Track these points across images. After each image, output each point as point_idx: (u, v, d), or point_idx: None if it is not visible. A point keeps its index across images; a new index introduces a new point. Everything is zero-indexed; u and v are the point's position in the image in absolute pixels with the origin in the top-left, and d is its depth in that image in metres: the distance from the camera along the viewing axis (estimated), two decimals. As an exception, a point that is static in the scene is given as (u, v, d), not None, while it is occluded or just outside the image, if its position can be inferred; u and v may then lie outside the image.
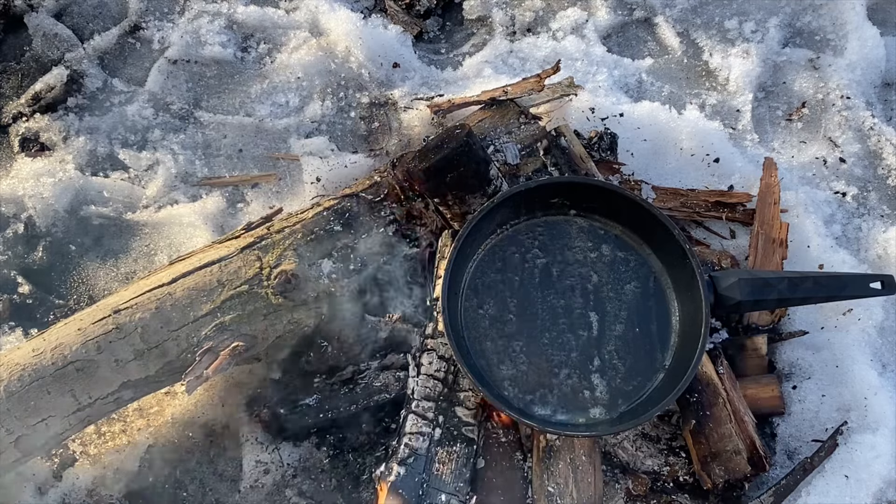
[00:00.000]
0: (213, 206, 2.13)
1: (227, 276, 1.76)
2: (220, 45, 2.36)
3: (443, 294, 1.68)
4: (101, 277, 2.08)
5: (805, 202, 2.08)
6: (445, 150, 1.75)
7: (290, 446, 1.82)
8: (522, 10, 2.48)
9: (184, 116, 2.29)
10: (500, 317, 1.75)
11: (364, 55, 2.31)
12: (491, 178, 1.81)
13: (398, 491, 1.63)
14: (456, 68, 2.39)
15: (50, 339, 1.71)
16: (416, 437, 1.67)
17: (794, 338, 1.91)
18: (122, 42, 2.41)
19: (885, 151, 2.27)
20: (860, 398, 1.83)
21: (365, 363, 1.83)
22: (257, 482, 1.80)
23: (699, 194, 2.06)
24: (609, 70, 2.35)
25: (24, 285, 2.05)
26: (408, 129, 2.18)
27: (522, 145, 1.98)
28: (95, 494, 1.79)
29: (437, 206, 1.86)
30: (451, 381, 1.73)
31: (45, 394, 1.66)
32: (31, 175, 2.16)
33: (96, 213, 2.14)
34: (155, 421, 1.87)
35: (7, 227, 2.12)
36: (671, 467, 1.75)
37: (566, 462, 1.67)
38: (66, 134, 2.25)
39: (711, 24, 2.45)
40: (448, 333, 1.65)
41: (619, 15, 2.49)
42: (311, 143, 2.20)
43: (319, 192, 2.09)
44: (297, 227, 1.85)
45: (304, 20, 2.41)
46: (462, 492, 1.65)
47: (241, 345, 1.72)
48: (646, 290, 1.77)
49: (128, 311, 1.72)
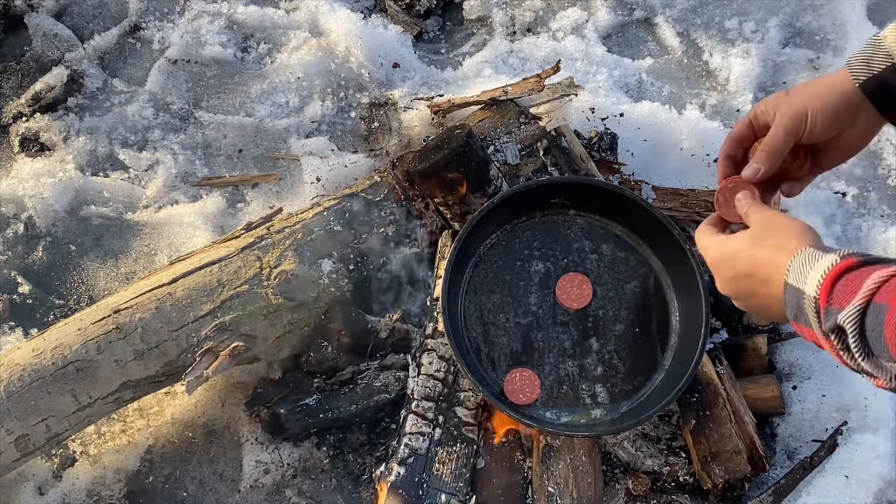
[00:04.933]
0: (213, 206, 2.13)
1: (228, 276, 1.76)
2: (220, 45, 2.36)
3: (443, 294, 1.68)
4: (101, 277, 2.08)
5: (805, 202, 2.08)
6: (445, 150, 1.75)
7: (290, 446, 1.82)
8: (522, 10, 2.48)
9: (184, 116, 2.29)
10: (500, 316, 1.75)
11: (364, 55, 2.31)
12: (491, 178, 1.81)
13: (398, 491, 1.63)
14: (456, 68, 2.39)
15: (50, 339, 1.71)
16: (416, 437, 1.67)
17: (794, 338, 1.91)
18: (122, 42, 2.41)
19: (885, 151, 2.27)
20: (860, 398, 1.83)
21: (365, 363, 1.83)
22: (257, 482, 1.80)
23: (699, 194, 2.05)
24: (609, 70, 2.34)
25: (24, 285, 2.05)
26: (408, 129, 2.18)
27: (522, 145, 1.97)
28: (95, 494, 1.79)
29: (437, 206, 1.86)
30: (451, 381, 1.73)
31: (45, 394, 1.66)
32: (31, 175, 2.15)
33: (96, 213, 2.14)
34: (155, 421, 1.87)
35: (7, 227, 2.12)
36: (671, 467, 1.75)
37: (566, 462, 1.67)
38: (66, 134, 2.24)
39: (711, 24, 2.45)
40: (448, 333, 1.65)
41: (619, 15, 2.48)
42: (311, 143, 2.20)
43: (319, 192, 2.09)
44: (297, 227, 1.84)
45: (304, 20, 2.41)
46: (462, 492, 1.65)
47: (241, 345, 1.72)
48: (646, 290, 1.77)
49: (128, 311, 1.72)
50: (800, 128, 1.33)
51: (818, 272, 1.08)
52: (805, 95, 1.33)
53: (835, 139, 1.34)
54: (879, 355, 1.01)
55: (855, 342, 1.03)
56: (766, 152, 1.34)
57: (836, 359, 1.09)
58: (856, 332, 1.02)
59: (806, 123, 1.33)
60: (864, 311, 1.01)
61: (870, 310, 1.00)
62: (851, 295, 1.03)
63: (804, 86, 1.35)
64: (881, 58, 1.30)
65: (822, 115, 1.32)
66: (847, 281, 1.05)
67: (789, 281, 1.12)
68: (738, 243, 1.21)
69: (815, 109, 1.32)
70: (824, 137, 1.34)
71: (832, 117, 1.32)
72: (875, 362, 1.03)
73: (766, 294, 1.17)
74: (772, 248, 1.17)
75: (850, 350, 1.05)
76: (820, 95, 1.32)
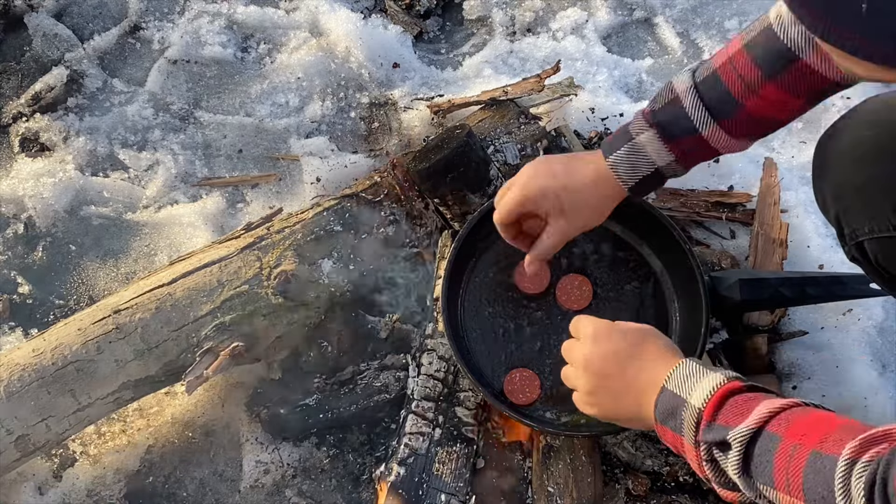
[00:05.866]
0: (213, 206, 2.13)
1: (227, 277, 1.76)
2: (220, 46, 2.36)
3: (443, 294, 1.68)
4: (101, 277, 2.08)
5: (805, 202, 2.08)
6: (445, 150, 1.75)
7: (290, 446, 1.82)
8: (522, 10, 2.48)
9: (184, 116, 2.29)
10: (500, 317, 1.75)
11: (364, 55, 2.31)
12: (491, 178, 1.81)
13: (398, 491, 1.63)
14: (456, 68, 2.39)
15: (50, 339, 1.71)
16: (416, 437, 1.67)
17: (794, 338, 1.91)
18: (122, 42, 2.41)
19: (885, 151, 2.26)
20: (860, 398, 1.83)
21: (365, 363, 1.83)
22: (257, 482, 1.80)
23: (699, 194, 2.05)
24: (609, 70, 2.34)
25: (24, 285, 2.05)
26: (408, 129, 2.18)
27: (522, 145, 1.98)
28: (95, 494, 1.79)
29: (437, 206, 1.86)
30: (451, 381, 1.73)
31: (45, 394, 1.66)
32: (31, 175, 2.15)
33: (96, 213, 2.14)
34: (155, 421, 1.87)
35: (7, 227, 2.12)
36: (671, 467, 1.75)
37: (566, 462, 1.67)
38: (66, 134, 2.24)
39: (711, 24, 2.45)
40: (448, 333, 1.65)
41: (619, 15, 2.49)
42: (311, 143, 2.20)
43: (319, 192, 2.09)
44: (297, 227, 1.85)
45: (304, 20, 2.41)
46: (462, 492, 1.65)
47: (241, 345, 1.72)
48: (646, 290, 1.77)
49: (128, 311, 1.72)
50: (569, 239, 1.53)
51: (705, 388, 1.17)
52: (583, 211, 1.49)
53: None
54: (756, 478, 1.11)
55: (737, 460, 1.11)
56: (538, 259, 1.54)
57: (696, 468, 1.19)
58: (740, 450, 1.11)
59: (577, 236, 1.56)
60: (754, 436, 1.10)
61: (761, 437, 1.10)
62: (740, 417, 1.12)
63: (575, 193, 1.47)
64: (645, 165, 1.44)
65: (595, 224, 1.52)
66: (735, 402, 1.15)
67: (668, 387, 1.21)
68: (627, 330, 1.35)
69: (591, 223, 1.52)
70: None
71: (600, 221, 1.52)
72: (748, 481, 1.12)
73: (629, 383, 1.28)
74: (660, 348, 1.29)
75: (715, 462, 1.15)
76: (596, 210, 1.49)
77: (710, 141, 1.39)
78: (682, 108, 1.38)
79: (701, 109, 1.37)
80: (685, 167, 1.45)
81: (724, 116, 1.37)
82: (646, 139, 1.41)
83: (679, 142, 1.40)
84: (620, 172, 1.44)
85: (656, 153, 1.41)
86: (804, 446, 1.06)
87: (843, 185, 1.38)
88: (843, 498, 1.00)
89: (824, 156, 1.42)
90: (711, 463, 1.16)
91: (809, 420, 1.10)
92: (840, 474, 1.00)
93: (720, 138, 1.38)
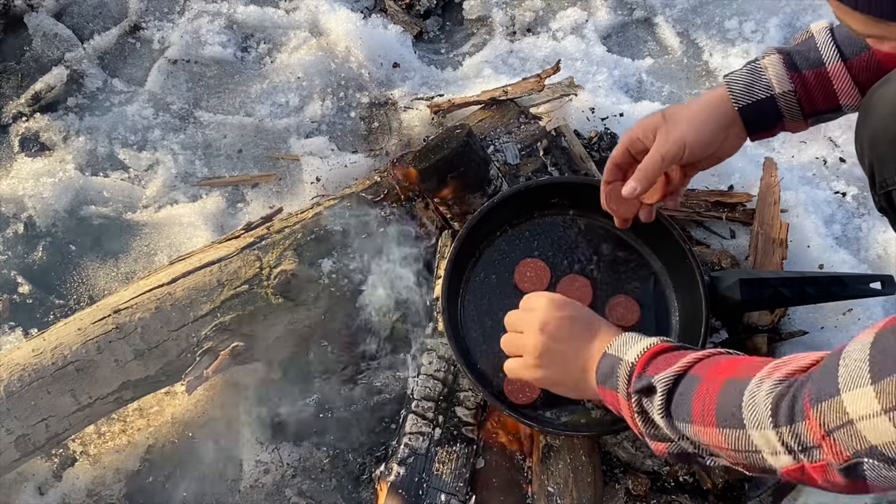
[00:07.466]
0: (213, 206, 2.13)
1: (227, 276, 1.76)
2: (220, 45, 2.36)
3: (443, 294, 1.68)
4: (101, 277, 2.08)
5: (805, 202, 2.08)
6: (445, 150, 1.75)
7: (290, 446, 1.82)
8: (522, 10, 2.48)
9: (184, 116, 2.29)
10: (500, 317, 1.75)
11: (364, 55, 2.31)
12: (491, 178, 1.81)
13: (398, 491, 1.63)
14: (456, 68, 2.39)
15: (50, 339, 1.71)
16: (416, 437, 1.67)
17: (794, 338, 1.91)
18: (122, 42, 2.41)
19: (885, 151, 2.26)
20: (860, 398, 1.82)
21: (365, 363, 1.83)
22: (257, 482, 1.80)
23: (699, 194, 2.05)
24: (609, 70, 2.35)
25: (24, 285, 2.05)
26: (408, 129, 2.18)
27: (522, 145, 1.98)
28: (95, 494, 1.79)
29: (437, 206, 1.86)
30: (451, 381, 1.73)
31: (45, 394, 1.66)
32: (31, 175, 2.16)
33: (96, 213, 2.14)
34: (155, 421, 1.87)
35: (7, 227, 2.12)
36: (671, 467, 1.75)
37: (566, 462, 1.67)
38: (66, 134, 2.25)
39: (711, 24, 2.45)
40: (448, 333, 1.65)
41: (619, 15, 2.49)
42: (311, 143, 2.20)
43: (319, 192, 2.09)
44: (297, 226, 1.85)
45: (304, 20, 2.41)
46: (462, 492, 1.65)
47: (241, 345, 1.72)
48: (646, 290, 1.77)
49: (128, 311, 1.72)
50: (677, 156, 1.45)
51: (639, 347, 1.27)
52: (682, 123, 1.44)
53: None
54: (676, 418, 1.18)
55: (661, 401, 1.18)
56: (644, 174, 1.47)
57: (629, 421, 1.27)
58: (665, 392, 1.18)
59: (684, 151, 1.45)
60: (678, 379, 1.18)
61: (684, 379, 1.18)
62: (667, 366, 1.21)
63: (680, 110, 1.46)
64: (762, 87, 1.43)
65: (699, 143, 1.44)
66: (664, 357, 1.24)
67: (609, 352, 1.30)
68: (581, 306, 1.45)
69: (692, 139, 1.44)
70: (698, 159, 1.48)
71: (707, 142, 1.45)
72: (670, 423, 1.19)
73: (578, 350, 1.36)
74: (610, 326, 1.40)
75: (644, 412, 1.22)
76: (697, 123, 1.44)
77: (834, 80, 1.41)
78: (813, 41, 1.43)
79: (831, 46, 1.41)
80: (801, 110, 1.45)
81: (851, 57, 1.41)
82: (769, 62, 1.44)
83: (802, 74, 1.42)
84: (734, 90, 1.44)
85: (776, 78, 1.43)
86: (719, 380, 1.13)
87: (880, 134, 1.38)
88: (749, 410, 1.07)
89: (869, 103, 1.41)
90: (642, 414, 1.23)
91: (731, 361, 1.18)
92: (750, 390, 1.08)
93: (843, 80, 1.41)
